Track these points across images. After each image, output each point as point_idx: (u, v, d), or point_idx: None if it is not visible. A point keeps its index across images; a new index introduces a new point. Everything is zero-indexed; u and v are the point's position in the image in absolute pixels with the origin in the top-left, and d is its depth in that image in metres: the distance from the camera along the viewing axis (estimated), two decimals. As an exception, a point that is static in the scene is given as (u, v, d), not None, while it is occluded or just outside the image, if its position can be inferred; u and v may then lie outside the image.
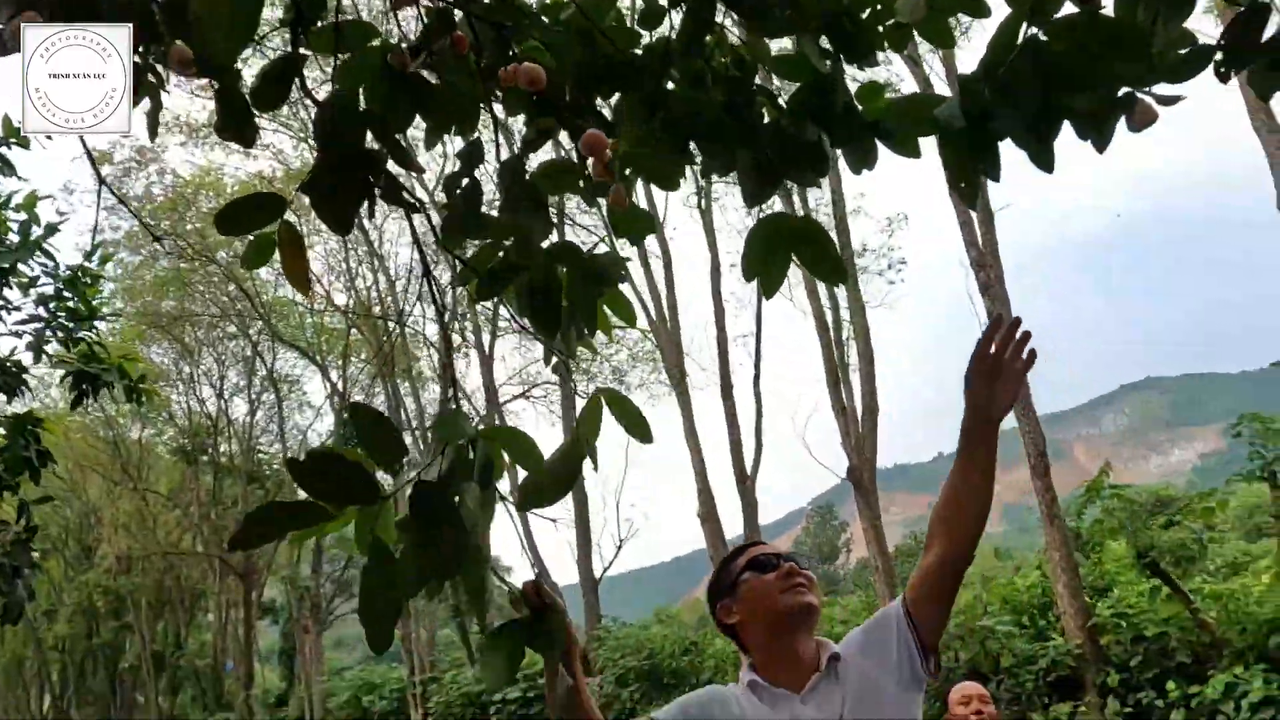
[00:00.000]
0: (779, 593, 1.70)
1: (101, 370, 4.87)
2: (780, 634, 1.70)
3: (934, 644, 1.68)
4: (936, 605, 1.67)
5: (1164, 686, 9.04)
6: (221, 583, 31.12)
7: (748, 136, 1.53)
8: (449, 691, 17.52)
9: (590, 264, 1.54)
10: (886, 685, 1.64)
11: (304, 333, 26.93)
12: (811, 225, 1.63)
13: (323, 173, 1.32)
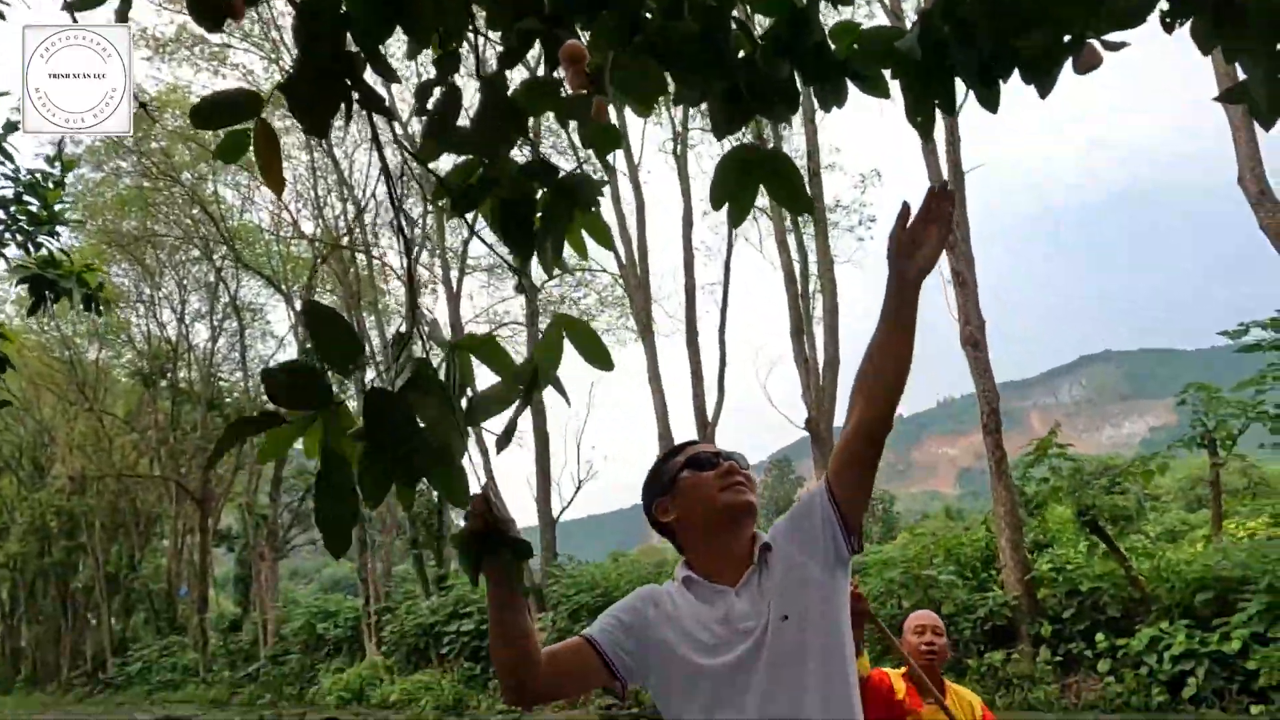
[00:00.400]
0: (718, 490, 1.68)
1: (60, 277, 4.80)
2: (718, 531, 1.68)
3: (857, 522, 1.66)
4: (856, 473, 1.64)
5: (1094, 638, 9.44)
6: (178, 508, 31.01)
7: (721, 67, 1.54)
8: (403, 622, 17.74)
9: (565, 181, 1.56)
10: (812, 569, 1.63)
11: (269, 260, 26.55)
12: (780, 156, 1.62)
13: (301, 76, 1.32)
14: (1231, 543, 9.55)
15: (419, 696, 15.85)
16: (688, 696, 1.58)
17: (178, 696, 25.05)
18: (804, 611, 1.59)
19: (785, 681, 1.54)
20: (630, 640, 1.64)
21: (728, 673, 1.56)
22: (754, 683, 1.54)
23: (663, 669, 1.62)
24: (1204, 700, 8.32)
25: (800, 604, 1.59)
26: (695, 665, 1.57)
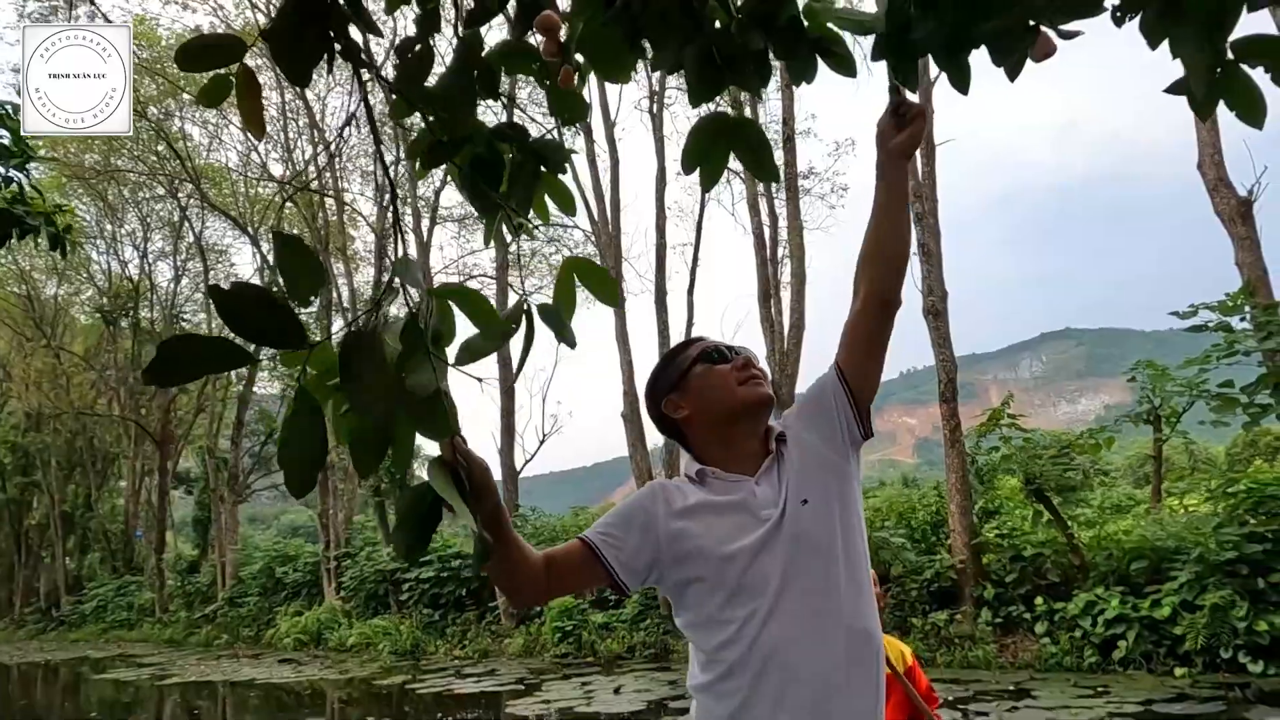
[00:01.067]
0: (737, 385, 1.64)
1: (27, 214, 4.77)
2: (737, 426, 1.64)
3: (868, 404, 1.64)
4: (867, 351, 1.63)
5: (1033, 602, 9.82)
6: (136, 448, 30.72)
7: (697, 35, 1.56)
8: (363, 568, 17.86)
9: (534, 145, 1.60)
10: (827, 453, 1.62)
11: (236, 201, 26.10)
12: (750, 124, 1.64)
13: (284, 24, 1.32)
14: (1168, 515, 9.95)
15: (377, 641, 16.04)
16: (708, 587, 1.53)
17: (133, 635, 25.08)
18: (824, 494, 1.57)
19: (808, 563, 1.52)
20: (636, 536, 1.58)
21: (749, 558, 1.51)
22: (777, 566, 1.51)
23: (679, 562, 1.56)
24: (1132, 662, 8.74)
25: (819, 487, 1.58)
26: (715, 554, 1.52)
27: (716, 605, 1.52)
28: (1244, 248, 8.91)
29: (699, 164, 1.61)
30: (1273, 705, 7.06)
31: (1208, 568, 8.50)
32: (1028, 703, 7.85)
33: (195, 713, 12.24)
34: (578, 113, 1.75)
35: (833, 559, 1.53)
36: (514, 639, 14.28)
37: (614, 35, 1.54)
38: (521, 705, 10.03)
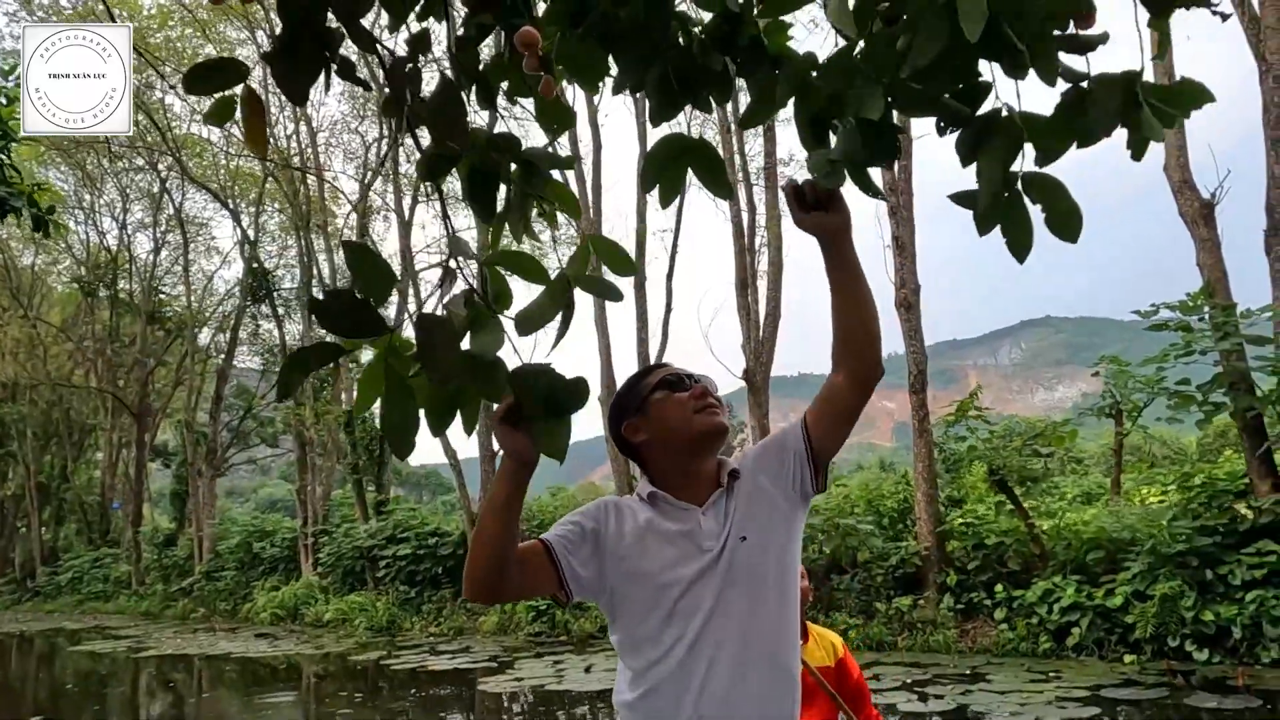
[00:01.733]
0: (693, 413, 1.70)
1: (10, 194, 4.85)
2: (690, 453, 1.70)
3: (827, 459, 1.70)
4: (838, 420, 1.68)
5: (993, 589, 10.10)
6: (114, 420, 30.61)
7: (659, 56, 1.63)
8: (340, 544, 17.99)
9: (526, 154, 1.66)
10: (776, 499, 1.68)
11: (217, 174, 25.93)
12: (706, 145, 1.71)
13: (284, 47, 1.39)
14: (1126, 507, 10.24)
15: (353, 616, 16.21)
16: (645, 608, 1.60)
17: (109, 607, 25.14)
18: (764, 536, 1.64)
19: (739, 597, 1.59)
20: (587, 548, 1.64)
21: (685, 586, 1.58)
22: (709, 596, 1.58)
23: (621, 581, 1.63)
24: (1085, 649, 9.04)
25: (761, 529, 1.64)
26: (655, 579, 1.60)
27: (650, 627, 1.59)
28: (1205, 249, 9.15)
29: (656, 183, 1.69)
30: (1213, 691, 7.36)
31: (1160, 559, 8.79)
32: (982, 686, 8.13)
33: (171, 685, 12.38)
34: (564, 122, 1.80)
35: (763, 597, 1.60)
36: (488, 617, 14.49)
37: (590, 47, 1.64)
38: (494, 682, 10.24)
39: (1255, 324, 8.78)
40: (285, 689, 11.49)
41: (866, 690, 3.19)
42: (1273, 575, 8.28)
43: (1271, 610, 8.03)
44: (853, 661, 3.21)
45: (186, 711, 10.30)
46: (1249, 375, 8.64)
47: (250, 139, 1.62)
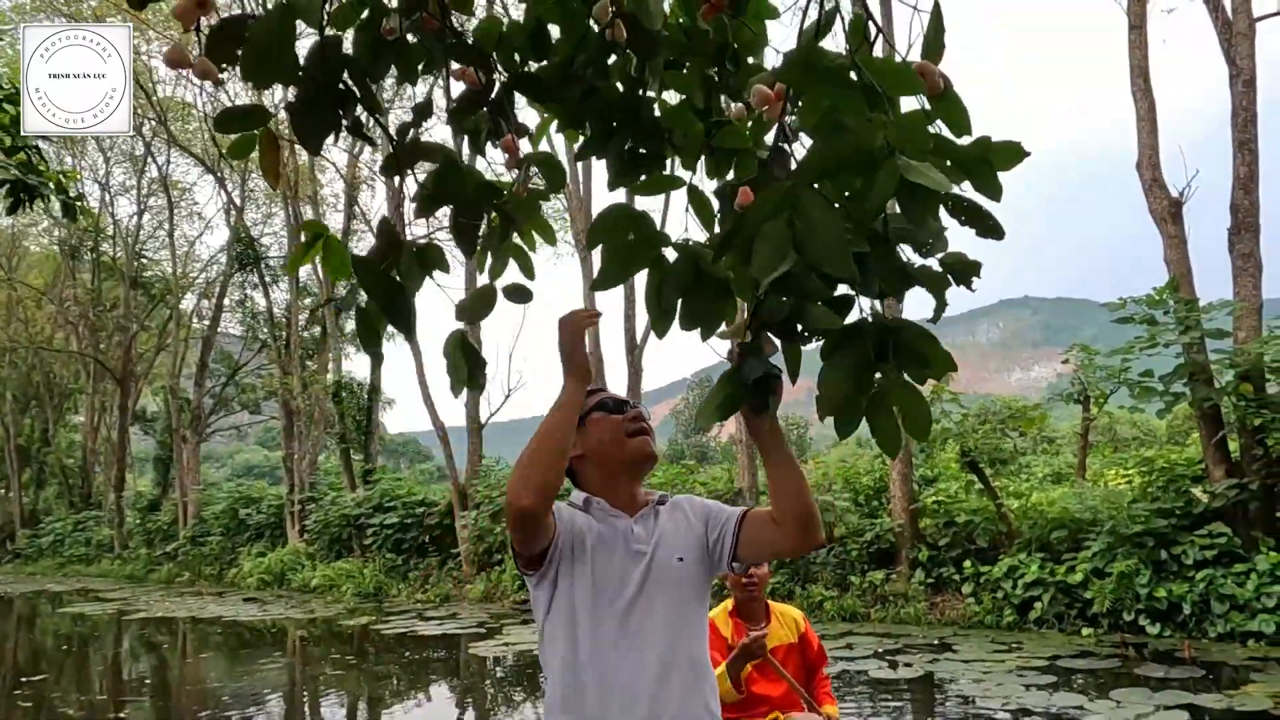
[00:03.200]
0: (627, 435, 1.84)
1: (40, 183, 5.08)
2: (620, 474, 1.84)
3: (748, 560, 1.87)
4: (765, 551, 1.85)
5: (962, 564, 10.59)
6: (95, 384, 30.59)
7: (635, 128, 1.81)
8: (327, 512, 18.28)
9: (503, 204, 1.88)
10: (692, 546, 1.83)
11: (201, 138, 25.82)
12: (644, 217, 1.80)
13: (303, 102, 1.57)
14: (1090, 489, 10.73)
15: (340, 583, 16.56)
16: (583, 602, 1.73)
17: (91, 571, 25.33)
18: (688, 562, 1.81)
19: (663, 603, 1.75)
20: (564, 530, 1.76)
21: (619, 586, 1.74)
22: (638, 599, 1.73)
23: (568, 573, 1.76)
24: (1046, 622, 9.55)
25: (688, 553, 1.82)
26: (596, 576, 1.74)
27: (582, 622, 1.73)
28: (1172, 246, 9.57)
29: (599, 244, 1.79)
30: (1161, 663, 7.87)
31: (1119, 539, 9.28)
32: (948, 655, 8.61)
33: (165, 646, 12.69)
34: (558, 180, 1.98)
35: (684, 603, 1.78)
36: (474, 585, 14.88)
37: (556, 162, 1.91)
38: (482, 647, 10.64)
39: (1215, 319, 9.22)
40: (277, 651, 11.85)
41: (824, 657, 3.55)
42: (1222, 556, 8.80)
43: (1219, 588, 8.55)
44: (813, 634, 3.52)
45: (184, 672, 10.63)
46: (1208, 368, 9.10)
47: (266, 173, 1.80)
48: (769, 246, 1.28)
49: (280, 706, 8.65)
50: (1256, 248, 9.23)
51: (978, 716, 6.64)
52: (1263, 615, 8.23)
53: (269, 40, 1.41)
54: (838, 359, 1.35)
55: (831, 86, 1.30)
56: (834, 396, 1.35)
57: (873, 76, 1.28)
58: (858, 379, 1.35)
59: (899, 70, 1.30)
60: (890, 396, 1.35)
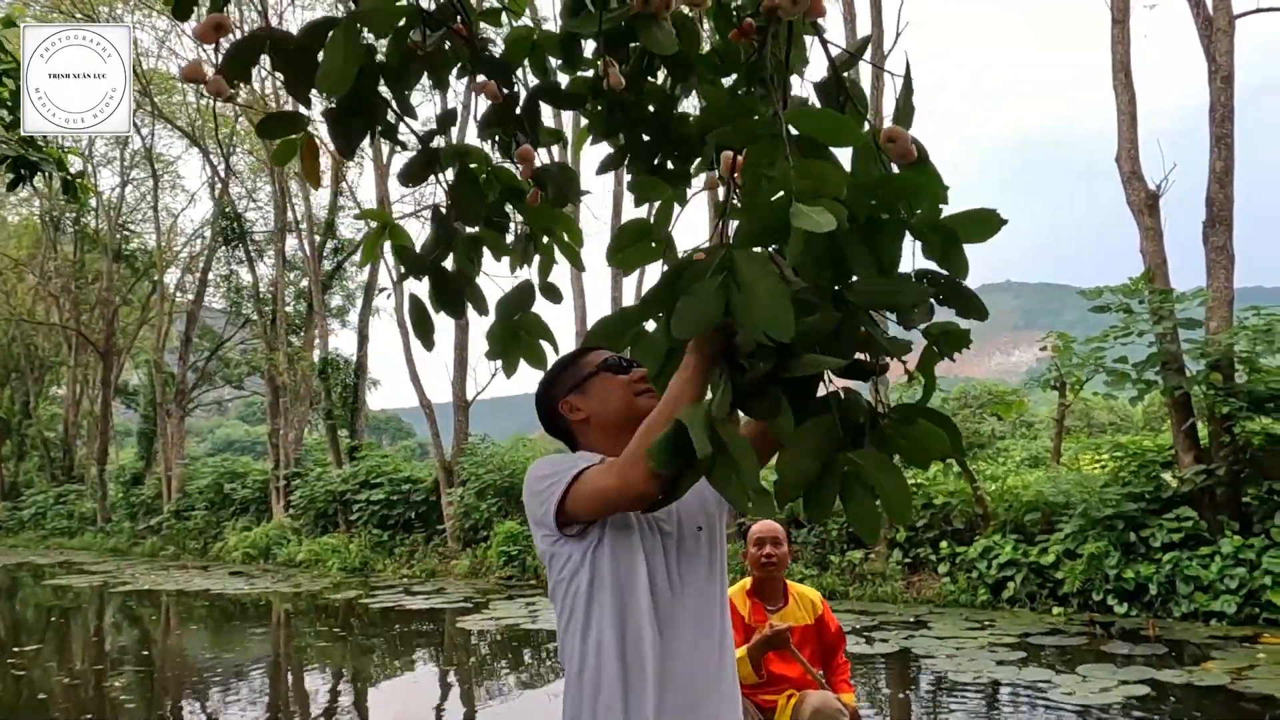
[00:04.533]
0: (634, 395, 1.74)
1: (41, 159, 5.16)
2: (628, 431, 1.63)
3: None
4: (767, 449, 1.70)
5: (939, 545, 10.86)
6: (77, 357, 30.44)
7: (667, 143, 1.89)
8: (313, 487, 18.38)
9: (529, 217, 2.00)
10: (712, 505, 1.76)
11: (185, 111, 25.64)
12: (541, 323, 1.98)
13: (341, 108, 1.66)
14: (1064, 473, 11.01)
15: (326, 558, 16.71)
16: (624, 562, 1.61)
17: (74, 543, 25.33)
18: (711, 530, 1.75)
19: (693, 576, 1.67)
20: None
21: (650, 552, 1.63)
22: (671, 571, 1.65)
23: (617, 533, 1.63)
24: (1018, 601, 9.83)
25: (708, 522, 1.75)
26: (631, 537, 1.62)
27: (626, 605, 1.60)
28: (1149, 237, 9.80)
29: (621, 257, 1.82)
30: (1127, 640, 8.16)
31: (1090, 521, 9.55)
32: (923, 633, 8.88)
33: (154, 619, 12.82)
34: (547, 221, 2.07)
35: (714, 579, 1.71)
36: (460, 560, 15.07)
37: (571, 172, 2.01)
38: (470, 621, 10.84)
39: (1187, 309, 9.47)
40: (264, 624, 12.01)
41: (843, 639, 3.60)
42: (1189, 539, 9.09)
43: (1185, 570, 8.85)
44: (831, 616, 3.56)
45: (169, 644, 10.77)
46: (1180, 357, 9.36)
47: (307, 175, 1.90)
48: (695, 305, 1.21)
49: (265, 678, 8.82)
50: (1230, 241, 9.47)
51: (950, 689, 6.90)
52: (1225, 596, 8.54)
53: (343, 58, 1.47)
54: (801, 437, 1.23)
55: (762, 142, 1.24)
56: (794, 479, 1.23)
57: (805, 128, 1.22)
58: (825, 460, 1.21)
59: (835, 120, 1.25)
60: (865, 477, 1.20)
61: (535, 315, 1.97)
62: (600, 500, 1.54)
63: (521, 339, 1.96)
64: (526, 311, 1.97)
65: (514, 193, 1.99)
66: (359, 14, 1.50)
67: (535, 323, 1.97)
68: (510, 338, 1.95)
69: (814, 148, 1.25)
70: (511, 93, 1.98)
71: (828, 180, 1.17)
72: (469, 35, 1.84)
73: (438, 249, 1.94)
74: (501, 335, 1.96)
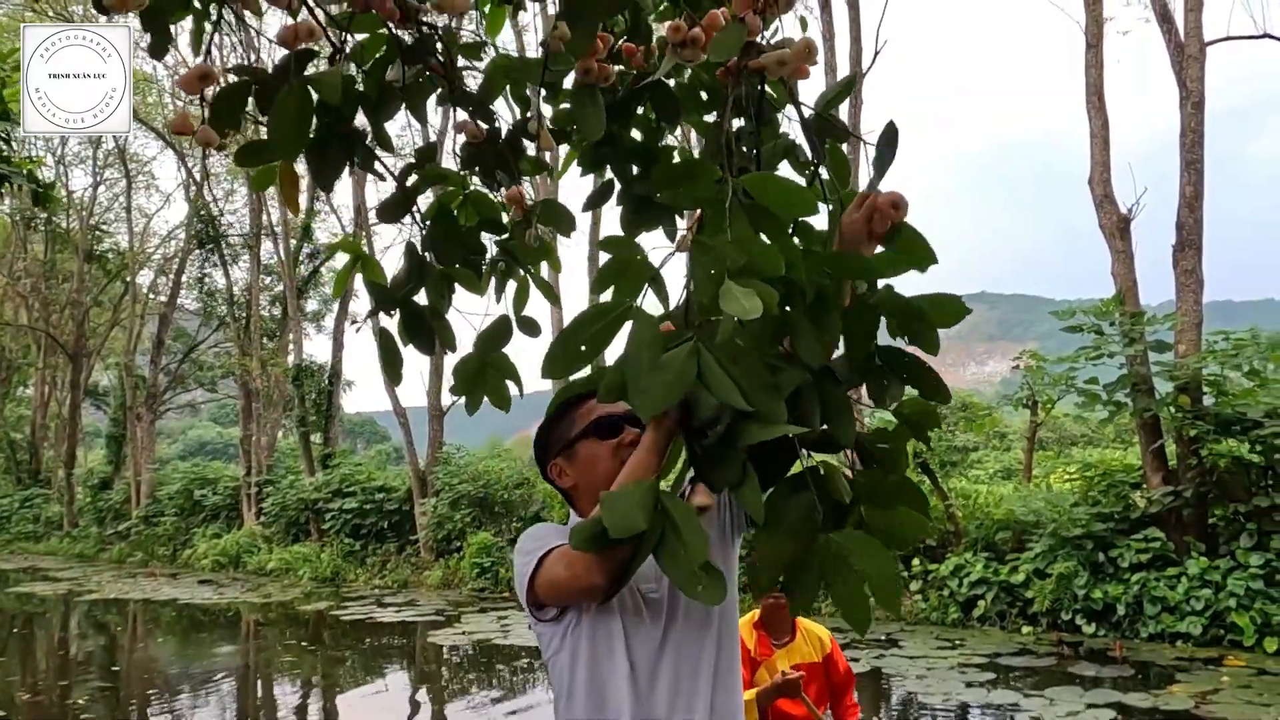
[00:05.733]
0: (622, 461, 1.55)
1: (11, 171, 5.07)
2: None
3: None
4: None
5: (911, 561, 10.91)
6: (46, 359, 29.97)
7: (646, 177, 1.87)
8: (285, 495, 18.19)
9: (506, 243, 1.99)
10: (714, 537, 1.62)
11: (161, 111, 25.34)
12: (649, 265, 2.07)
13: (316, 143, 1.61)
14: (1034, 492, 11.11)
15: (297, 567, 16.53)
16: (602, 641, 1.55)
17: (39, 548, 24.90)
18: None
19: (684, 641, 1.56)
20: None
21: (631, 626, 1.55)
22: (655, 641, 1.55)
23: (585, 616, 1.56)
24: (988, 619, 9.91)
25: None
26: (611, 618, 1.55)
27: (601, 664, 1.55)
28: (1120, 260, 9.93)
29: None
30: (1094, 661, 8.25)
31: (1060, 541, 9.64)
32: (894, 651, 8.93)
33: (118, 628, 12.62)
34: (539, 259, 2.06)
35: (707, 639, 1.59)
36: (433, 571, 14.96)
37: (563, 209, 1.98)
38: (441, 635, 10.76)
39: (1157, 332, 9.60)
40: (232, 635, 11.85)
41: (852, 680, 3.48)
42: (1156, 559, 9.20)
43: (1152, 590, 8.95)
44: (840, 654, 3.43)
45: (136, 654, 10.61)
46: (1150, 379, 9.48)
47: (286, 202, 1.86)
48: (668, 377, 1.17)
49: (233, 691, 8.71)
50: (1199, 265, 9.62)
51: (920, 710, 6.93)
52: (1191, 617, 8.65)
53: (289, 120, 1.45)
54: (778, 516, 1.18)
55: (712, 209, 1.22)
56: (772, 563, 1.18)
57: (759, 196, 1.20)
58: (805, 543, 1.17)
59: (788, 190, 1.22)
60: (851, 558, 1.14)
61: (503, 355, 1.92)
62: (554, 592, 1.51)
63: (488, 377, 1.92)
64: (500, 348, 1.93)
65: (491, 223, 1.98)
66: (314, 79, 1.48)
67: (502, 361, 1.93)
68: (476, 375, 1.93)
69: (766, 217, 1.24)
70: (492, 128, 1.96)
71: (766, 259, 1.15)
72: (446, 69, 1.83)
73: (409, 284, 1.93)
74: (467, 373, 1.94)
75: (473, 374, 1.91)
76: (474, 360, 1.91)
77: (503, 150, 1.96)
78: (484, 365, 1.93)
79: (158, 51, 1.76)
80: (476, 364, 1.91)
